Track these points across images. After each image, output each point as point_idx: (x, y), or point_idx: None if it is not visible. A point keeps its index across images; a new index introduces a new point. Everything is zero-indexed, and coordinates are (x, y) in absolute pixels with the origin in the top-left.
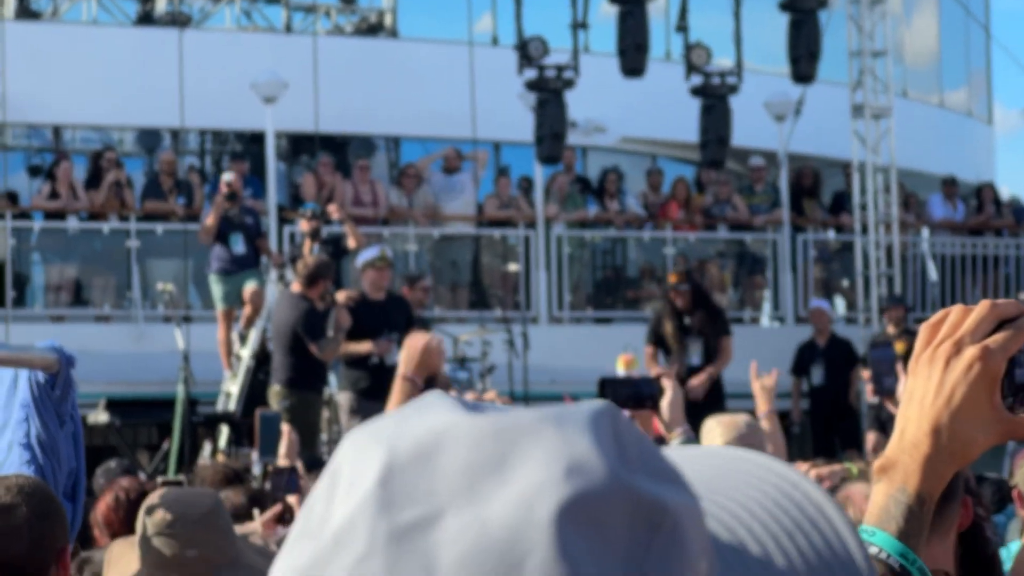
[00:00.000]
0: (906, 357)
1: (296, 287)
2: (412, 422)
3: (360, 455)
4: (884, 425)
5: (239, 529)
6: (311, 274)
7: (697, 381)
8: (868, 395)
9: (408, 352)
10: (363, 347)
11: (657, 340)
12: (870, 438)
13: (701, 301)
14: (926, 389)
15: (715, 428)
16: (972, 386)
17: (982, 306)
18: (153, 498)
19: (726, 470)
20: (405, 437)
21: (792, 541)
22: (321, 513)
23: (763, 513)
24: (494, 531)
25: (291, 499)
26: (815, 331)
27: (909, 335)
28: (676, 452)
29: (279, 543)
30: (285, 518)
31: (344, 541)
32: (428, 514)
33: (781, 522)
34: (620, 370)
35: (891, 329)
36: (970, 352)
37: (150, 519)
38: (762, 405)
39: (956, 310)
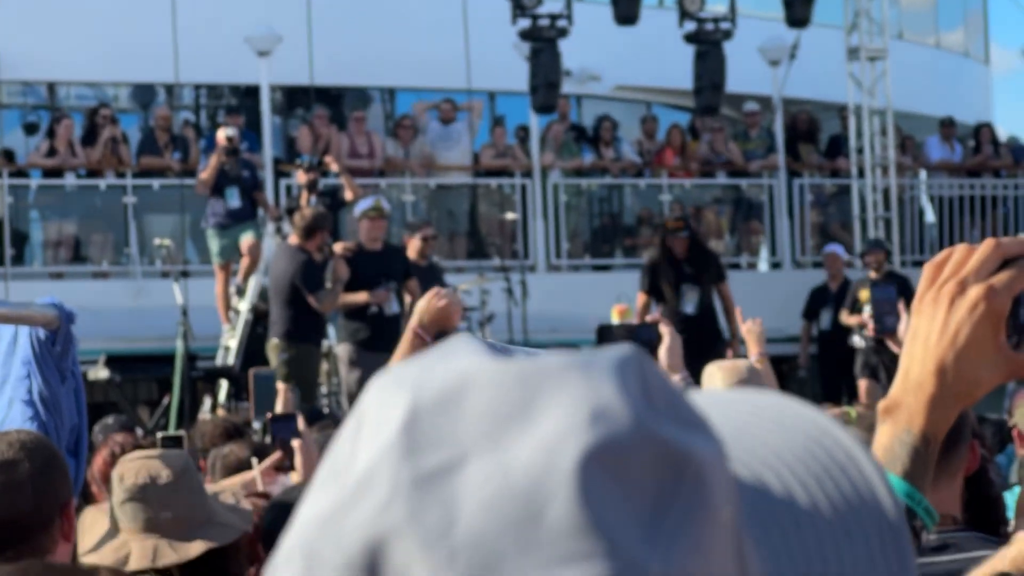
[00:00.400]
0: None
1: (293, 239)
2: (437, 367)
3: (385, 400)
4: (874, 370)
5: (213, 487)
6: (308, 226)
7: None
8: (867, 333)
9: (425, 306)
10: (360, 297)
11: (651, 288)
12: (862, 384)
13: (696, 248)
14: (930, 329)
15: (716, 373)
16: (977, 325)
17: (986, 245)
18: (122, 464)
19: (756, 415)
20: (430, 382)
21: (820, 486)
22: (345, 458)
23: (792, 458)
24: (517, 477)
25: (295, 443)
26: (828, 275)
27: (894, 278)
28: (705, 397)
29: (295, 493)
30: (284, 466)
31: (367, 486)
32: (451, 460)
33: (810, 467)
34: (615, 320)
35: (873, 274)
36: (975, 291)
37: (121, 485)
38: (753, 348)
39: (960, 249)
